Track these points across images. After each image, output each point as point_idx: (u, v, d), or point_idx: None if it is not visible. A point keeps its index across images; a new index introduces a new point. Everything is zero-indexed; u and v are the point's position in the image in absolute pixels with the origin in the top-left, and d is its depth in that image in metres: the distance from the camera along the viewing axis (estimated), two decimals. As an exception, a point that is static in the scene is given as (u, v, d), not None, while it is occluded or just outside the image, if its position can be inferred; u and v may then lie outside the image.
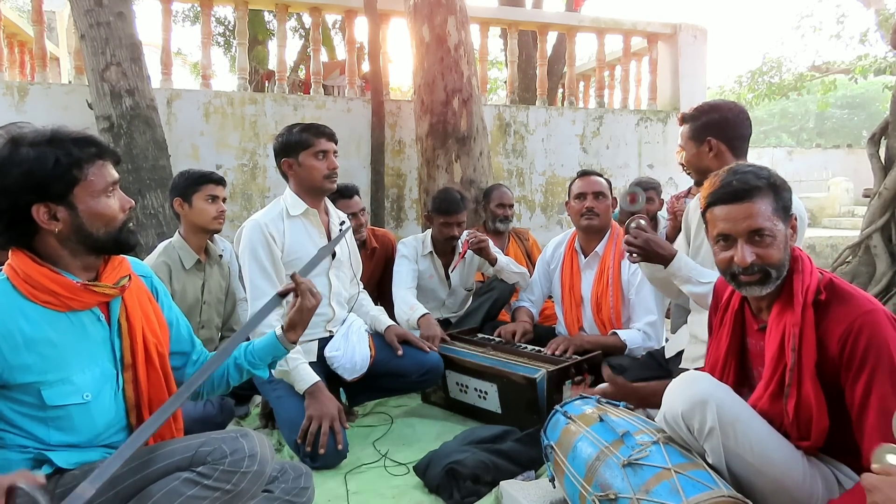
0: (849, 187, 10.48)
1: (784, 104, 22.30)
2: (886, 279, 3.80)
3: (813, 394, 1.30)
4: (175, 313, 1.56)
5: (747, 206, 1.38)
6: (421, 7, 4.39)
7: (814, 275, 1.39)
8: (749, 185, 1.39)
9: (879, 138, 4.16)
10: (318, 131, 2.35)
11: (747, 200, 1.38)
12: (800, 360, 1.32)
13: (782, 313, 1.39)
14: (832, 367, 1.32)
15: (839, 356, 1.30)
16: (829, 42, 13.61)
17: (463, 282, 3.26)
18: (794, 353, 1.33)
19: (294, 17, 10.60)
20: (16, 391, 1.22)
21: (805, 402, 1.31)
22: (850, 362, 1.28)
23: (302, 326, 1.59)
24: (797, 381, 1.32)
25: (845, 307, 1.33)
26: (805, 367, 1.32)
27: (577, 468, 1.43)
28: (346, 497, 1.90)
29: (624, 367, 2.46)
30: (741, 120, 2.05)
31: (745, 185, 1.39)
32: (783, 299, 1.40)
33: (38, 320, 1.23)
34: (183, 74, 14.88)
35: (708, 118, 2.04)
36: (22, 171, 1.20)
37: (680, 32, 5.90)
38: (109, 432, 1.34)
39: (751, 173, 1.41)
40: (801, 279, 1.38)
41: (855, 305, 1.32)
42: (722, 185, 1.42)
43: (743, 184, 1.39)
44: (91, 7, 3.81)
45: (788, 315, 1.37)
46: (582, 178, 2.76)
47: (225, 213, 2.64)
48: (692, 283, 2.02)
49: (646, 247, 2.02)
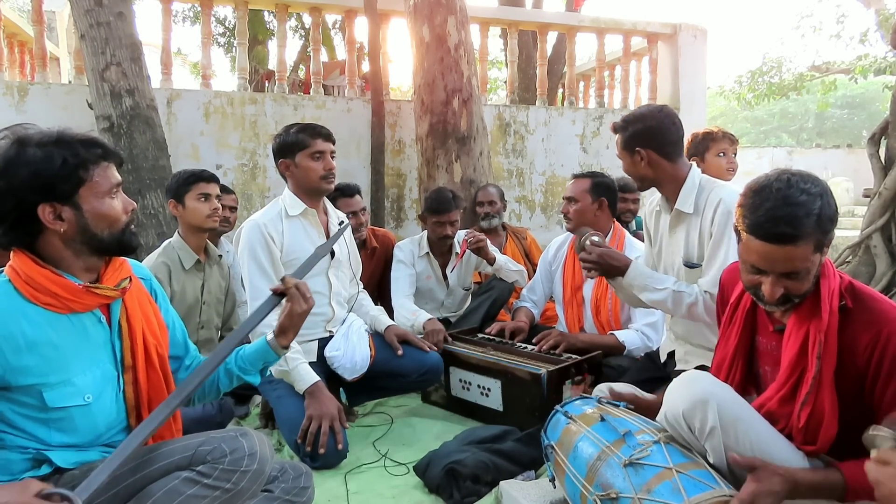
0: (849, 187, 10.49)
1: (784, 104, 22.30)
2: (886, 279, 3.80)
3: (828, 402, 1.29)
4: (172, 316, 1.56)
5: (789, 251, 1.25)
6: (421, 7, 4.39)
7: (835, 278, 1.35)
8: (797, 229, 1.24)
9: (879, 138, 4.16)
10: (314, 132, 2.34)
11: (790, 245, 1.25)
12: (820, 366, 1.30)
13: (805, 318, 1.35)
14: (854, 374, 1.30)
15: (865, 364, 1.29)
16: (829, 42, 13.63)
17: (461, 281, 3.26)
18: (818, 360, 1.30)
19: (294, 17, 10.61)
20: (17, 393, 1.22)
21: (819, 409, 1.30)
22: (878, 370, 1.27)
23: (293, 331, 1.55)
24: (816, 388, 1.30)
25: (871, 314, 1.30)
26: (825, 374, 1.30)
27: (578, 468, 1.43)
28: (346, 497, 1.90)
29: (624, 368, 2.46)
30: (667, 126, 2.02)
31: (792, 230, 1.24)
32: (808, 304, 1.35)
33: (40, 322, 1.23)
34: (183, 74, 14.90)
35: (634, 129, 2.03)
36: (29, 170, 1.20)
37: (680, 32, 5.90)
38: (110, 433, 1.35)
39: (802, 208, 1.24)
40: (828, 284, 1.33)
41: (881, 313, 1.29)
42: (767, 220, 1.26)
43: (791, 227, 1.24)
44: (91, 7, 3.81)
45: (814, 321, 1.32)
46: (569, 182, 2.83)
47: (219, 210, 2.60)
48: (649, 290, 2.02)
49: (600, 261, 2.02)
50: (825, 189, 1.29)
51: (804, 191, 1.26)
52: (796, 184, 1.27)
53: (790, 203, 1.25)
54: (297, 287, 1.53)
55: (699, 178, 2.06)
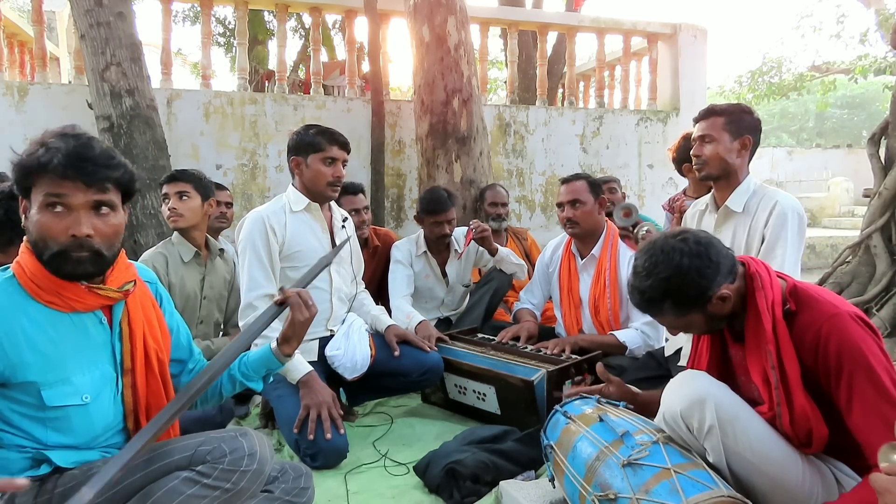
0: (849, 187, 10.50)
1: (784, 104, 22.31)
2: (886, 279, 3.80)
3: (807, 405, 1.29)
4: (176, 320, 1.56)
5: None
6: (421, 7, 4.39)
7: (775, 286, 1.37)
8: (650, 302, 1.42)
9: (879, 138, 4.16)
10: (332, 138, 2.36)
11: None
12: (784, 375, 1.31)
13: (757, 331, 1.37)
14: (814, 375, 1.31)
15: (815, 364, 1.29)
16: (829, 42, 13.65)
17: (460, 278, 3.27)
18: (773, 371, 1.32)
19: (294, 17, 10.60)
20: (15, 390, 1.22)
21: (800, 414, 1.30)
22: (826, 369, 1.28)
23: (297, 340, 1.55)
24: (785, 397, 1.31)
25: (809, 314, 1.31)
26: (792, 381, 1.30)
27: (576, 468, 1.43)
28: (346, 497, 1.90)
29: (623, 368, 2.46)
30: (761, 128, 2.16)
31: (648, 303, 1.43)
32: (752, 318, 1.38)
33: (40, 320, 1.23)
34: (183, 74, 14.92)
35: (751, 118, 2.11)
36: (20, 163, 1.21)
37: (680, 32, 5.90)
38: (107, 435, 1.34)
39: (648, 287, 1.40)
40: (764, 295, 1.35)
41: (818, 311, 1.30)
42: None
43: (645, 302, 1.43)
44: (91, 7, 3.81)
45: (761, 332, 1.35)
46: (563, 186, 2.75)
47: (176, 209, 2.48)
48: None
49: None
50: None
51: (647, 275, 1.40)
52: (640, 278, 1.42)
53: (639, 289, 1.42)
54: (299, 295, 1.53)
55: (754, 184, 2.13)
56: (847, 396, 1.24)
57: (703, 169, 2.12)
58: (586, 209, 2.68)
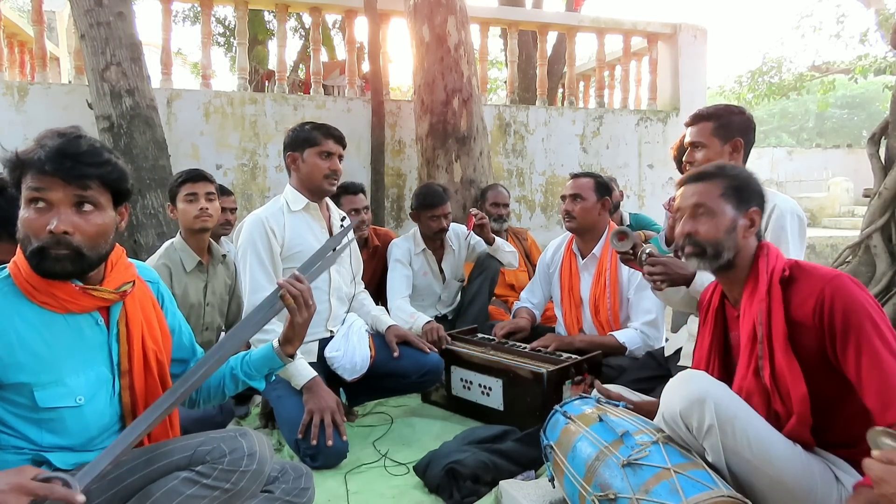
0: (849, 187, 10.50)
1: (784, 104, 22.32)
2: (886, 279, 3.79)
3: (786, 363, 1.35)
4: (179, 320, 1.55)
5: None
6: (421, 7, 4.39)
7: (780, 259, 1.46)
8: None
9: (879, 138, 4.15)
10: (327, 132, 2.37)
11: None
12: (770, 332, 1.38)
13: (752, 296, 1.45)
14: (814, 340, 1.35)
15: (819, 327, 1.34)
16: (829, 42, 13.66)
17: (455, 273, 3.32)
18: (760, 326, 1.39)
19: (294, 17, 10.61)
20: (9, 391, 1.21)
21: (780, 371, 1.36)
22: (832, 330, 1.32)
23: (298, 340, 1.54)
24: (769, 353, 1.37)
25: (810, 280, 1.38)
26: (776, 340, 1.37)
27: (576, 468, 1.43)
28: (346, 497, 1.90)
29: (623, 368, 2.46)
30: (755, 128, 2.13)
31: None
32: (751, 283, 1.47)
33: (35, 320, 1.22)
34: (183, 74, 14.93)
35: (737, 119, 2.08)
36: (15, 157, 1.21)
37: (680, 32, 5.90)
38: (104, 436, 1.33)
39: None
40: (766, 262, 1.45)
41: (819, 276, 1.37)
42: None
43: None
44: (91, 7, 3.81)
45: (756, 295, 1.43)
46: (570, 180, 2.79)
47: (207, 210, 2.47)
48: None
49: (670, 272, 1.91)
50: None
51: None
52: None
53: None
54: (300, 292, 1.52)
55: None
56: (856, 356, 1.28)
57: None
58: (586, 206, 2.69)
